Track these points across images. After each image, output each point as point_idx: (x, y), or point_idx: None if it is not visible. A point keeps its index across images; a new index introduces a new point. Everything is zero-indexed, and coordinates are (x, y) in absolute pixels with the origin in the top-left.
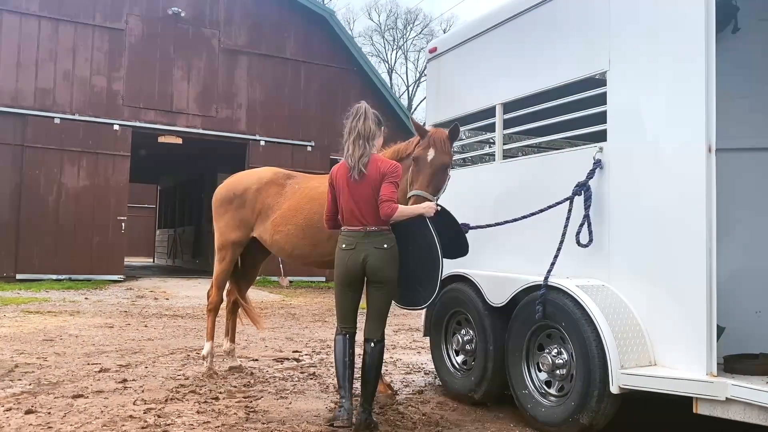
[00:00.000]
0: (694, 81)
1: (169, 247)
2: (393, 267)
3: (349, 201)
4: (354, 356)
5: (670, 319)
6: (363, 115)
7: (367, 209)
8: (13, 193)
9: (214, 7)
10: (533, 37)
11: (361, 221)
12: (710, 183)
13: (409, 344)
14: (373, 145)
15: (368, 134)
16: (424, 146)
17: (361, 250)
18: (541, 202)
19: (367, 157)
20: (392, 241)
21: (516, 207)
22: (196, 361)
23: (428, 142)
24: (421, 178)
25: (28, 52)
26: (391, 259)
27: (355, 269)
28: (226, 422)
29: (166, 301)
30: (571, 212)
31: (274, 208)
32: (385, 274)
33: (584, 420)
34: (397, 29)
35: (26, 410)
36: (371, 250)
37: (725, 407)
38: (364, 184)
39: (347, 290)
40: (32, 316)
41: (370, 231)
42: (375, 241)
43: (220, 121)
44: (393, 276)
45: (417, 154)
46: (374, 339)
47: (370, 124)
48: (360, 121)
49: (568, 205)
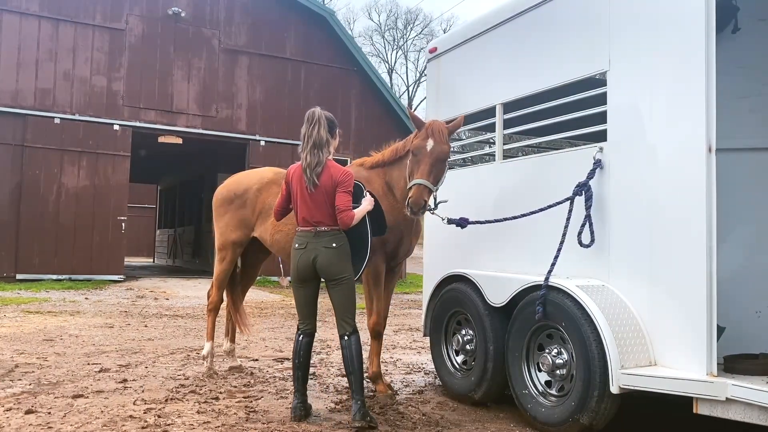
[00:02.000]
0: (695, 81)
1: (169, 247)
2: (343, 263)
3: (303, 204)
4: (308, 357)
5: (670, 319)
6: (316, 122)
7: (319, 212)
8: (13, 193)
9: (215, 7)
10: (533, 37)
11: (312, 223)
12: (710, 183)
13: (409, 344)
14: (329, 151)
15: (321, 143)
16: (422, 137)
17: (312, 250)
18: (541, 202)
19: (321, 166)
20: (341, 240)
21: (516, 207)
22: (196, 361)
23: (426, 133)
24: (421, 167)
25: (28, 52)
26: (339, 257)
27: (306, 267)
28: (227, 422)
29: (166, 301)
30: (572, 213)
31: None
32: (335, 270)
33: (584, 420)
34: (397, 29)
35: (26, 410)
36: (321, 249)
37: (725, 407)
38: (318, 190)
39: (300, 287)
40: (32, 316)
41: (320, 231)
42: (324, 240)
43: (220, 121)
44: (344, 271)
45: (416, 145)
46: (346, 333)
47: (322, 132)
48: (315, 129)
49: (569, 206)
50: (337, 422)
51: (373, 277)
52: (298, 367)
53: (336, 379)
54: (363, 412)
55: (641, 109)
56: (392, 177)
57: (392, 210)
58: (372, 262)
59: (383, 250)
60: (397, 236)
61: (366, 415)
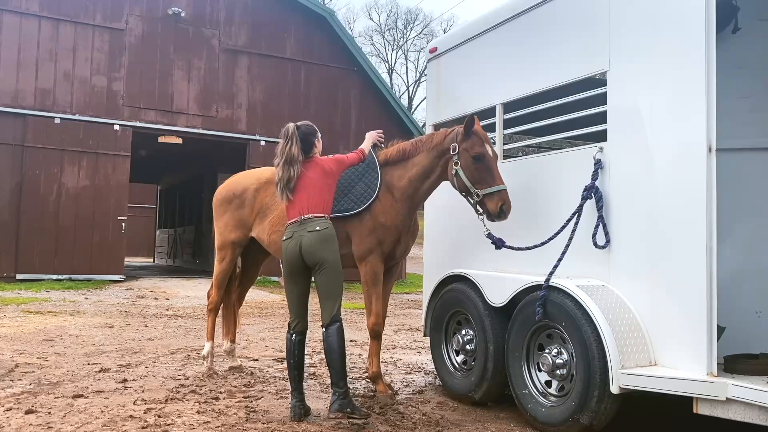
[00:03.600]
0: (695, 81)
1: (169, 247)
2: (327, 248)
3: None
4: (303, 356)
5: (671, 319)
6: (290, 139)
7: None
8: (13, 193)
9: (215, 6)
10: (533, 37)
11: (301, 212)
12: (710, 183)
13: (409, 344)
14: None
15: (293, 159)
16: (478, 143)
17: (297, 238)
18: (542, 202)
19: (294, 181)
20: (325, 225)
21: (516, 206)
22: (197, 361)
23: (481, 138)
24: (495, 173)
25: (28, 52)
26: (323, 240)
27: (294, 256)
28: (227, 422)
29: (166, 301)
30: (581, 215)
31: (272, 208)
32: (319, 255)
33: (584, 420)
34: (397, 29)
35: (26, 410)
36: (305, 234)
37: (725, 407)
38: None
39: (290, 280)
40: (32, 316)
41: (305, 219)
42: (308, 226)
43: (220, 121)
44: (329, 256)
45: (477, 151)
46: (326, 323)
47: (294, 150)
48: (287, 146)
49: (577, 208)
50: (337, 422)
51: (371, 277)
52: (294, 367)
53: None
54: (339, 404)
55: (641, 109)
56: (393, 176)
57: (391, 210)
58: (369, 262)
59: (381, 249)
60: (395, 236)
61: (344, 407)
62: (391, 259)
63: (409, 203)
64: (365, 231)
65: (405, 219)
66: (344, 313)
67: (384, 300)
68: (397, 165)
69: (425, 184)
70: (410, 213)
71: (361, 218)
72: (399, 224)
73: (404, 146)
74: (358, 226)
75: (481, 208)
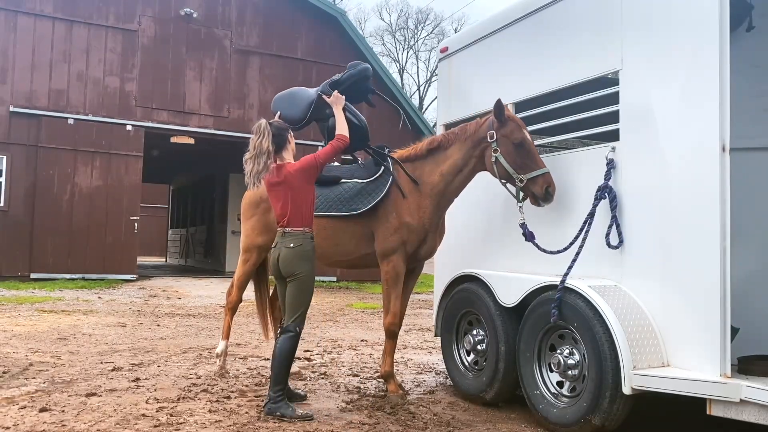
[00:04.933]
0: (708, 80)
1: (181, 247)
2: (298, 264)
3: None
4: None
5: (684, 320)
6: (261, 133)
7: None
8: (27, 194)
9: (226, 7)
10: (545, 36)
11: (282, 222)
12: (724, 183)
13: (420, 344)
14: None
15: (262, 152)
16: (515, 128)
17: (278, 249)
18: (554, 201)
19: (266, 171)
20: (299, 241)
21: (528, 206)
22: (209, 360)
23: (518, 123)
24: (536, 157)
25: (42, 54)
26: (295, 257)
27: (274, 265)
28: (238, 421)
29: (178, 300)
30: (594, 215)
31: None
32: (289, 269)
33: (596, 421)
34: (408, 29)
35: (40, 408)
36: (283, 248)
37: (739, 409)
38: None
39: (279, 283)
40: (46, 315)
41: (285, 232)
42: (286, 240)
43: (232, 121)
44: (300, 271)
45: (516, 137)
46: (281, 331)
47: (264, 143)
48: (258, 139)
49: (591, 208)
50: (348, 422)
51: (392, 276)
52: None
53: (347, 379)
54: (269, 408)
55: (654, 109)
56: (424, 171)
57: (418, 209)
58: (392, 261)
59: (404, 249)
60: (421, 236)
61: (273, 411)
62: (415, 259)
63: (438, 199)
64: (390, 230)
65: (432, 217)
66: (355, 312)
67: (404, 300)
68: (426, 159)
69: (458, 178)
70: (438, 211)
71: (387, 217)
72: (426, 223)
73: (434, 138)
74: (384, 224)
75: (525, 193)
